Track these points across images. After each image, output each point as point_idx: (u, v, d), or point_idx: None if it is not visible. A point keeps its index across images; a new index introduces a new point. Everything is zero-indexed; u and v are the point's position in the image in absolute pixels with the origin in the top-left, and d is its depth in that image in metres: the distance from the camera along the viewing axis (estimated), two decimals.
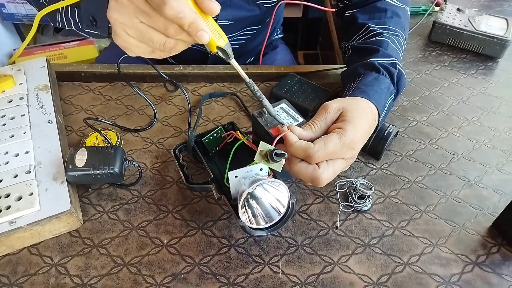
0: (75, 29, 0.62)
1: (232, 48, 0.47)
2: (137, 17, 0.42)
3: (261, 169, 0.49)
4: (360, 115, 0.51)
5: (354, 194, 0.58)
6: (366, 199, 0.58)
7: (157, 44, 0.43)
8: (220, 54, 0.47)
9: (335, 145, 0.48)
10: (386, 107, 0.58)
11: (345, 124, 0.49)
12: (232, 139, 0.59)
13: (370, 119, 0.53)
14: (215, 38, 0.45)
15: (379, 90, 0.57)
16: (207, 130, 0.61)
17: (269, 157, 0.47)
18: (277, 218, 0.51)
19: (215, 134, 0.60)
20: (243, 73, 0.49)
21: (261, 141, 0.48)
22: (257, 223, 0.51)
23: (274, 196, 0.51)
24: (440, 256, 0.53)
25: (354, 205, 0.58)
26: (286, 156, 0.47)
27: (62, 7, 0.60)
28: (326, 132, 0.51)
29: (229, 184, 0.49)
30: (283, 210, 0.51)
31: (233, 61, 0.48)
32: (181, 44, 0.44)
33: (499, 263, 0.53)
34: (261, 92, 0.51)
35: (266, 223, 0.51)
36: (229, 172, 0.48)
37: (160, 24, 0.41)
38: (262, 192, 0.51)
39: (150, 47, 0.44)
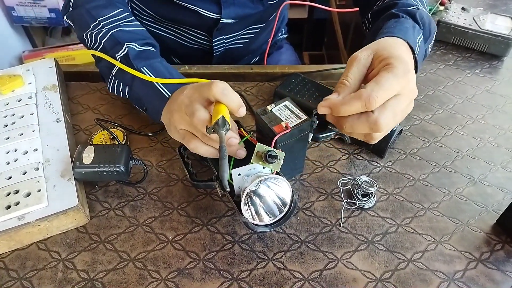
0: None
1: (237, 47, 0.48)
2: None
3: (264, 167, 0.50)
4: (396, 48, 0.46)
5: (358, 192, 0.59)
6: (369, 197, 0.58)
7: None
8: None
9: (388, 79, 0.42)
10: (418, 46, 0.53)
11: (389, 60, 0.44)
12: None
13: (406, 51, 0.48)
14: None
15: (403, 28, 0.53)
16: None
17: (264, 158, 0.48)
18: (280, 214, 0.52)
19: None
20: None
21: (258, 143, 0.49)
22: (261, 220, 0.51)
23: (277, 193, 0.51)
24: (444, 253, 0.53)
25: (357, 202, 0.58)
26: (279, 157, 0.48)
27: (115, 80, 0.64)
28: (366, 81, 0.46)
29: (232, 181, 0.50)
30: (286, 207, 0.52)
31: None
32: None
33: (503, 260, 0.53)
34: None
35: (270, 219, 0.51)
36: (232, 170, 0.49)
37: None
38: (265, 189, 0.51)
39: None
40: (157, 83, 0.59)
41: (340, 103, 0.44)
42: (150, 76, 0.59)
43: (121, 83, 0.63)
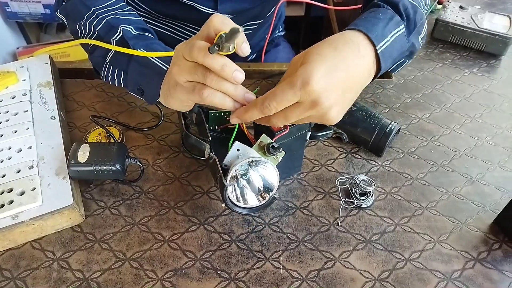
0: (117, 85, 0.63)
1: None
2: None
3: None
4: (322, 52, 0.43)
5: (356, 191, 0.58)
6: (367, 196, 0.58)
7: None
8: None
9: (283, 90, 0.42)
10: (390, 39, 0.49)
11: (299, 68, 0.42)
12: (235, 125, 0.59)
13: (342, 47, 0.44)
14: None
15: (374, 19, 0.49)
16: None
17: (266, 149, 0.48)
18: (258, 203, 0.52)
19: (223, 114, 0.59)
20: None
21: (263, 134, 0.49)
22: (245, 203, 0.52)
23: (264, 180, 0.52)
24: (442, 253, 0.53)
25: (355, 201, 0.58)
26: (281, 150, 0.48)
27: (109, 67, 0.62)
28: None
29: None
30: (268, 195, 0.52)
31: None
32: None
33: (501, 259, 0.53)
34: None
35: (253, 204, 0.52)
36: (236, 142, 0.49)
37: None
38: (254, 175, 0.52)
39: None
40: (154, 58, 0.56)
41: (244, 111, 0.45)
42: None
43: (116, 69, 0.61)
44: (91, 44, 0.62)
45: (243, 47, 0.43)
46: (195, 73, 0.44)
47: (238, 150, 0.49)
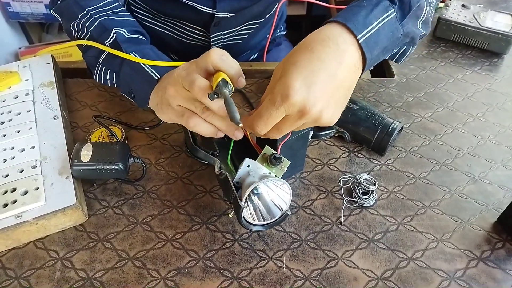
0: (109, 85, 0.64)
1: (235, 43, 0.47)
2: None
3: (269, 172, 0.50)
4: (297, 60, 0.42)
5: (358, 190, 0.58)
6: (370, 195, 0.58)
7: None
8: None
9: (266, 107, 0.42)
10: (375, 27, 0.45)
11: (278, 82, 0.42)
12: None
13: (318, 47, 0.43)
14: None
15: (354, 8, 0.46)
16: None
17: (268, 160, 0.48)
18: (270, 220, 0.52)
19: None
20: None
21: (266, 145, 0.49)
22: (259, 219, 0.51)
23: (277, 197, 0.51)
24: (445, 252, 0.53)
25: (358, 200, 0.58)
26: (283, 161, 0.48)
27: (102, 67, 0.63)
28: None
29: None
30: (278, 213, 0.51)
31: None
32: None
33: (504, 258, 0.52)
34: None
35: (265, 220, 0.51)
36: (246, 158, 0.48)
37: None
38: (265, 190, 0.51)
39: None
40: (145, 65, 0.57)
41: (241, 135, 0.48)
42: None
43: (109, 70, 0.62)
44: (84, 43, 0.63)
45: (239, 81, 0.46)
46: (193, 104, 0.47)
47: (248, 166, 0.49)
